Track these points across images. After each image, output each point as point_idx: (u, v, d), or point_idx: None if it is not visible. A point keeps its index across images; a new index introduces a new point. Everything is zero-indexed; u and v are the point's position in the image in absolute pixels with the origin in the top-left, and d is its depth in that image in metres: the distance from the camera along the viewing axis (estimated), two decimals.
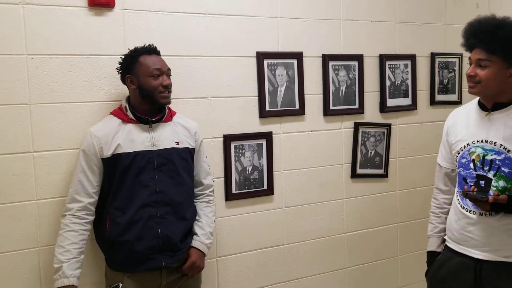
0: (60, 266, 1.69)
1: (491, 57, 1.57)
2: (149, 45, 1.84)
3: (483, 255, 1.65)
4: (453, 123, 1.79)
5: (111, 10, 1.94)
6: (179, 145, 1.86)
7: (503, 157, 1.60)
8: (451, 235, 1.77)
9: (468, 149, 1.69)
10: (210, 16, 2.14)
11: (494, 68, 1.58)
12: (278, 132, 2.33)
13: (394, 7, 2.59)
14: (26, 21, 1.80)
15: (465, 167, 1.70)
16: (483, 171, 1.65)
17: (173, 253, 1.81)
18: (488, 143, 1.63)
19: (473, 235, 1.66)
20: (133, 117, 1.81)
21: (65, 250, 1.71)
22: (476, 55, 1.61)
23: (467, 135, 1.70)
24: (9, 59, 1.79)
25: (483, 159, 1.64)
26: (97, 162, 1.76)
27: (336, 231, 2.53)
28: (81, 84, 1.90)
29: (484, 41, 1.58)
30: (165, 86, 1.80)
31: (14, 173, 1.82)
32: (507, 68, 1.58)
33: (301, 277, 2.45)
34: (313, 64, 2.39)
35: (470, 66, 1.64)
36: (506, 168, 1.60)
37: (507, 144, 1.59)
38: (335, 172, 2.50)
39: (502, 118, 1.63)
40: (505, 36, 1.54)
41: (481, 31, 1.59)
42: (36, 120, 1.84)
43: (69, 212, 1.75)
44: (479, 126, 1.67)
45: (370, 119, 2.56)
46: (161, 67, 1.80)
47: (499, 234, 1.62)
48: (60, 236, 1.74)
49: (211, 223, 1.96)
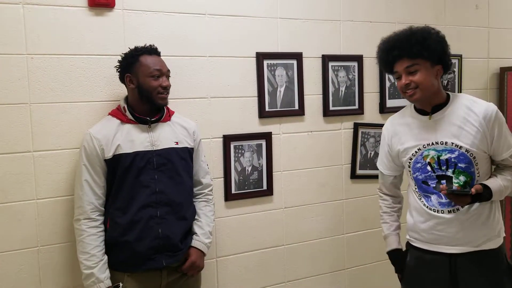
0: (90, 272, 1.71)
1: (416, 60, 1.65)
2: (150, 45, 1.84)
3: (456, 248, 1.71)
4: (393, 133, 1.84)
5: (111, 10, 1.94)
6: (178, 144, 1.86)
7: (456, 154, 1.67)
8: (418, 236, 1.80)
9: (421, 154, 1.74)
10: (209, 16, 2.15)
11: (423, 69, 1.65)
12: (278, 133, 2.34)
13: (394, 8, 2.60)
14: (27, 20, 1.81)
15: (422, 171, 1.74)
16: (441, 171, 1.70)
17: (173, 253, 1.81)
18: (439, 144, 1.70)
19: (444, 233, 1.71)
20: (132, 117, 1.81)
21: (90, 255, 1.72)
22: (401, 65, 1.68)
23: (416, 140, 1.75)
24: (9, 58, 1.79)
25: (439, 160, 1.70)
26: (100, 163, 1.76)
27: (336, 232, 2.53)
28: (81, 84, 1.91)
29: (406, 49, 1.66)
30: (164, 87, 1.80)
31: (14, 172, 1.82)
32: (432, 66, 1.67)
33: (301, 278, 2.45)
34: (312, 65, 2.39)
35: (399, 79, 1.70)
36: (462, 163, 1.67)
37: (457, 141, 1.67)
38: (335, 173, 2.50)
39: (445, 118, 1.70)
40: (421, 38, 1.65)
41: (400, 41, 1.68)
42: (36, 120, 1.85)
43: (83, 216, 1.75)
44: (425, 130, 1.73)
45: (370, 120, 2.57)
46: (161, 68, 1.81)
47: (469, 226, 1.69)
48: (81, 242, 1.74)
49: (210, 222, 1.96)
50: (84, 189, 1.75)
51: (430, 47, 1.65)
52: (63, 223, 1.90)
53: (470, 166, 1.68)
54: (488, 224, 1.71)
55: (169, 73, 1.85)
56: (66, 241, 1.91)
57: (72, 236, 1.91)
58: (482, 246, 1.70)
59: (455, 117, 1.69)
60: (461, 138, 1.66)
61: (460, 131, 1.67)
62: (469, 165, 1.67)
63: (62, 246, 1.91)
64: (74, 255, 1.92)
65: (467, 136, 1.66)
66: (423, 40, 1.65)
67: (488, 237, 1.70)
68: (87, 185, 1.75)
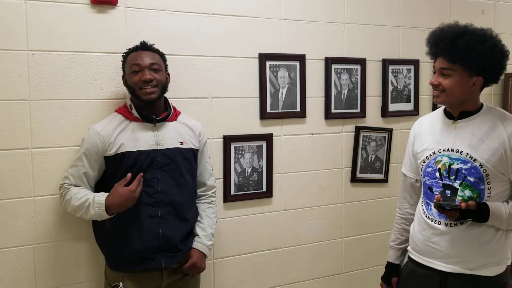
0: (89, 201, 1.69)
1: (452, 65, 1.57)
2: (141, 42, 1.82)
3: (447, 267, 1.61)
4: (418, 132, 1.77)
5: (113, 8, 1.93)
6: (183, 145, 1.84)
7: (469, 166, 1.58)
8: (414, 245, 1.73)
9: (434, 158, 1.66)
10: (213, 16, 2.13)
11: (457, 76, 1.57)
12: (279, 134, 2.32)
13: (398, 11, 2.58)
14: (28, 17, 1.80)
15: (430, 176, 1.67)
16: (449, 180, 1.62)
17: (173, 254, 1.79)
18: (454, 152, 1.61)
19: (438, 246, 1.63)
20: (138, 115, 1.79)
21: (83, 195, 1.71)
22: (439, 63, 1.61)
23: (433, 143, 1.67)
24: (10, 54, 1.78)
25: (449, 168, 1.62)
26: (98, 159, 1.75)
27: (335, 236, 2.51)
28: (82, 81, 1.89)
29: (445, 50, 1.57)
30: (144, 80, 1.73)
31: (12, 169, 1.81)
32: (469, 77, 1.57)
33: (298, 281, 2.43)
34: (315, 67, 2.38)
35: (434, 74, 1.64)
36: (472, 177, 1.58)
37: (473, 153, 1.58)
38: (335, 176, 2.49)
39: (469, 127, 1.62)
40: (464, 45, 1.53)
41: (442, 40, 1.58)
42: (36, 117, 1.83)
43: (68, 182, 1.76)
44: (445, 135, 1.65)
45: (372, 124, 2.55)
46: (141, 62, 1.75)
47: (464, 245, 1.59)
48: (70, 199, 1.73)
49: (213, 224, 1.94)
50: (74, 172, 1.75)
51: (471, 58, 1.54)
52: (60, 221, 1.89)
53: (480, 183, 1.57)
54: (488, 248, 1.58)
55: (154, 66, 1.76)
56: (63, 239, 1.90)
57: (69, 234, 1.91)
58: (477, 271, 1.58)
59: (479, 129, 1.59)
60: (478, 151, 1.57)
61: (479, 143, 1.57)
62: (479, 181, 1.57)
63: (58, 243, 1.90)
64: (71, 253, 1.92)
65: (485, 150, 1.56)
66: (466, 49, 1.53)
67: (484, 263, 1.58)
68: (76, 173, 1.75)
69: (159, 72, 1.78)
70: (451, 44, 1.56)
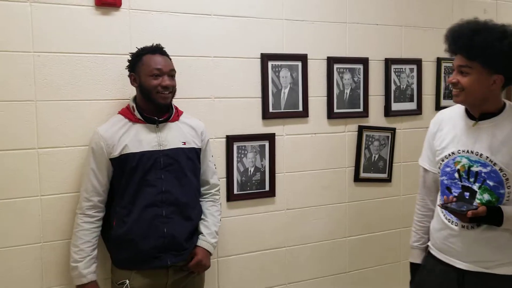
0: (76, 266, 1.77)
1: (471, 63, 1.52)
2: (156, 45, 1.85)
3: (465, 265, 1.61)
4: (440, 128, 1.72)
5: (117, 10, 1.96)
6: (186, 145, 1.86)
7: (488, 170, 1.55)
8: (434, 242, 1.72)
9: (453, 158, 1.63)
10: (215, 17, 2.15)
11: (475, 74, 1.52)
12: (281, 134, 2.33)
13: (401, 11, 2.59)
14: (34, 18, 1.83)
15: (449, 176, 1.64)
16: (468, 182, 1.59)
17: (178, 253, 1.82)
18: (474, 154, 1.58)
19: (455, 246, 1.62)
20: (140, 117, 1.82)
21: (79, 249, 1.77)
22: (457, 61, 1.56)
23: (453, 143, 1.64)
24: (16, 55, 1.81)
25: (469, 170, 1.59)
26: (105, 162, 1.78)
27: (338, 235, 2.52)
28: (87, 82, 1.92)
29: (463, 48, 1.53)
30: (164, 86, 1.79)
31: (19, 168, 1.84)
32: (489, 75, 1.52)
33: (302, 280, 2.44)
34: (317, 67, 2.39)
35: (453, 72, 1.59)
36: (491, 181, 1.54)
37: (493, 156, 1.54)
38: (338, 176, 2.50)
39: (490, 129, 1.57)
40: (482, 42, 1.48)
41: (460, 37, 1.54)
42: (42, 117, 1.86)
43: (80, 211, 1.80)
44: (466, 136, 1.61)
45: (375, 123, 2.56)
46: (162, 67, 1.80)
47: (480, 246, 1.58)
48: (74, 235, 1.80)
49: (217, 222, 1.96)
50: (86, 186, 1.79)
51: (490, 56, 1.48)
52: (66, 220, 1.92)
53: (500, 187, 1.54)
54: (504, 250, 1.56)
55: (173, 73, 1.84)
56: (69, 238, 1.91)
57: None
58: (494, 269, 1.56)
59: (500, 131, 1.55)
60: (498, 154, 1.53)
61: (500, 147, 1.53)
62: (498, 185, 1.54)
63: (65, 242, 1.92)
64: None
65: (505, 154, 1.52)
66: (485, 46, 1.47)
67: (501, 262, 1.56)
68: (89, 183, 1.78)
69: (174, 78, 1.84)
70: (469, 40, 1.50)
